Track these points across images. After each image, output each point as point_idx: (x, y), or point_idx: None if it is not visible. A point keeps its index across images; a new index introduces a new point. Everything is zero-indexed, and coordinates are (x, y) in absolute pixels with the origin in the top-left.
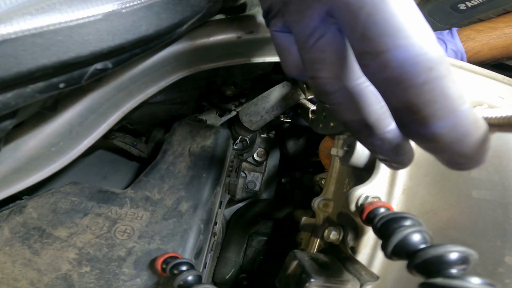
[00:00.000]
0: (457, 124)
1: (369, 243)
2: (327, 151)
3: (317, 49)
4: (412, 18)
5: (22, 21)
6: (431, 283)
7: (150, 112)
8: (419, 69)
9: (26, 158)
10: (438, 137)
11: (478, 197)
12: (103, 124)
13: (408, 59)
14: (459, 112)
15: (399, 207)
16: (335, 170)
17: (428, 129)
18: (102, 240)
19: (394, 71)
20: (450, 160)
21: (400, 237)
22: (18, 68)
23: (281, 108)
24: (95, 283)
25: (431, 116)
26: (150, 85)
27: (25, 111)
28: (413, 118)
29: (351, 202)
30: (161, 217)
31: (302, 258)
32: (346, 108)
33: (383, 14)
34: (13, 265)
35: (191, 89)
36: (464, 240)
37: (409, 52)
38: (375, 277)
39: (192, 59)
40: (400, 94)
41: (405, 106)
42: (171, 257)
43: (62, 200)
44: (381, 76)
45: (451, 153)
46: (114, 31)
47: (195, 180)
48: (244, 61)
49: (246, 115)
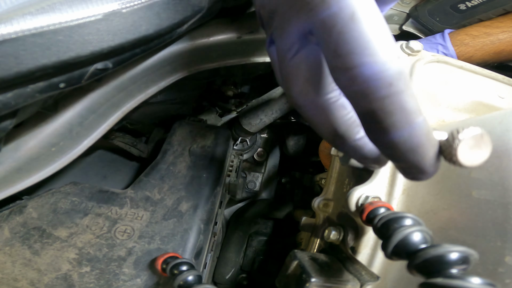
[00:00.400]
0: (412, 134)
1: (369, 243)
2: (327, 151)
3: (292, 64)
4: (378, 35)
5: (22, 21)
6: (431, 283)
7: (150, 112)
8: (381, 84)
9: (26, 158)
10: (396, 145)
11: (478, 197)
12: (103, 124)
13: (372, 75)
14: (414, 124)
15: (399, 207)
16: (335, 170)
17: (388, 137)
18: (102, 240)
19: (361, 86)
20: (405, 169)
21: (400, 237)
22: (19, 68)
23: (281, 111)
24: (95, 283)
25: (391, 126)
26: (150, 85)
27: (25, 111)
28: (376, 126)
29: (351, 202)
30: (161, 217)
31: (302, 258)
32: (318, 120)
33: (352, 33)
34: (13, 265)
35: (191, 89)
36: (464, 240)
37: (373, 69)
38: (375, 277)
39: (192, 59)
40: (367, 106)
41: (371, 116)
42: (171, 257)
43: (62, 200)
44: (350, 89)
45: (406, 161)
46: (114, 31)
47: (195, 180)
48: (244, 61)
49: (245, 118)
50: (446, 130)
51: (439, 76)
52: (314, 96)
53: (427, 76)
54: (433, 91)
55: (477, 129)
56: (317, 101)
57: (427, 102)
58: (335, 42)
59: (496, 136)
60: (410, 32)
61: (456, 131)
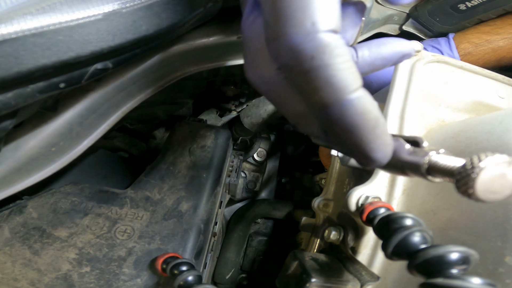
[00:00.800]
0: (342, 113)
1: (369, 243)
2: (327, 151)
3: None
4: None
5: (22, 21)
6: (431, 283)
7: (150, 112)
8: (302, 57)
9: (26, 158)
10: (330, 124)
11: None
12: (103, 124)
13: (292, 46)
14: (345, 101)
15: (399, 207)
16: (335, 170)
17: (322, 113)
18: (102, 240)
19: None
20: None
21: (400, 237)
22: (19, 68)
23: None
24: (95, 283)
25: (319, 102)
26: (150, 85)
27: (25, 111)
28: (309, 101)
29: (351, 202)
30: (161, 217)
31: (302, 258)
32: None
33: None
34: (13, 265)
35: (191, 89)
36: (465, 240)
37: (294, 40)
38: (376, 277)
39: (192, 59)
40: (294, 79)
41: (302, 91)
42: (171, 257)
43: (62, 200)
44: (279, 62)
45: (344, 145)
46: (114, 31)
47: (195, 180)
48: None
49: (247, 117)
50: (446, 130)
51: (439, 76)
52: (263, 70)
53: (427, 76)
54: (433, 91)
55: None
56: (266, 75)
57: (427, 102)
58: (268, 10)
59: (496, 136)
60: (410, 32)
61: (477, 158)
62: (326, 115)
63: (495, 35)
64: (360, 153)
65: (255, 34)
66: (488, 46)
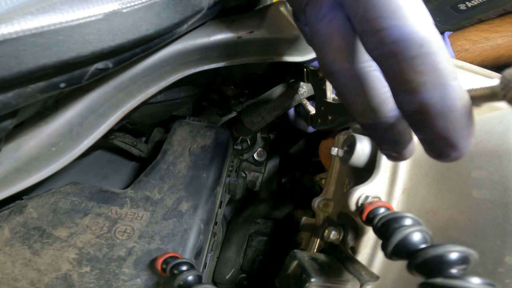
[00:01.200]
0: (444, 96)
1: (369, 243)
2: (327, 151)
3: (325, 33)
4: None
5: (23, 21)
6: (431, 283)
7: (150, 112)
8: (410, 45)
9: (26, 158)
10: (425, 107)
11: (478, 197)
12: (103, 124)
13: (400, 36)
14: (448, 86)
15: (399, 207)
16: (335, 170)
17: (417, 98)
18: (102, 240)
19: (389, 46)
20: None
21: (400, 237)
22: (19, 68)
23: (282, 108)
24: (95, 283)
25: (421, 85)
26: (150, 85)
27: (25, 111)
28: (404, 87)
29: (351, 202)
30: (161, 217)
31: (302, 258)
32: (350, 89)
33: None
34: (13, 265)
35: (191, 89)
36: (464, 240)
37: (402, 31)
38: (375, 277)
39: (192, 59)
40: (394, 66)
41: (398, 77)
42: (171, 257)
43: (62, 200)
44: (379, 51)
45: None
46: (114, 31)
47: (195, 180)
48: (244, 61)
49: (247, 116)
50: None
51: None
52: (348, 64)
53: None
54: None
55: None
56: (351, 69)
57: None
58: (364, 8)
59: (496, 136)
60: None
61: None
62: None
63: (493, 33)
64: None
65: (334, 31)
66: (486, 44)
